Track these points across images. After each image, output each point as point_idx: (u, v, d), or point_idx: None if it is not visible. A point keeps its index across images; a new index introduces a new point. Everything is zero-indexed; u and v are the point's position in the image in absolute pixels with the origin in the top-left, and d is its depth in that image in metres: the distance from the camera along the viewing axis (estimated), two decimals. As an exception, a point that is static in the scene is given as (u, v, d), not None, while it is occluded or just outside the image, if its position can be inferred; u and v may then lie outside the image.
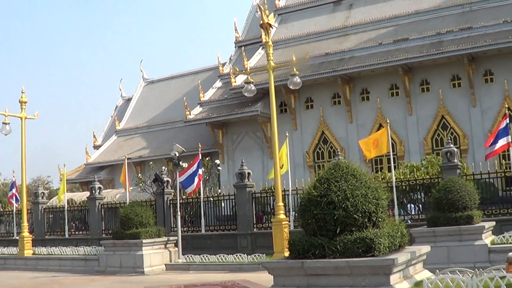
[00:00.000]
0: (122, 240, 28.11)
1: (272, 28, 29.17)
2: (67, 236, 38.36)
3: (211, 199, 34.34)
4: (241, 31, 56.12)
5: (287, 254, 11.44)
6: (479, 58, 40.35)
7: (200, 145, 36.48)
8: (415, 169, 31.70)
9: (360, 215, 10.39)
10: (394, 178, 28.64)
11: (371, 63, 42.23)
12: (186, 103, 50.01)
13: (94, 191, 37.39)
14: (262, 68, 28.56)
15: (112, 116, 68.19)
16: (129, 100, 67.81)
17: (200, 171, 31.89)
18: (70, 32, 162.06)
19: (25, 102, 34.84)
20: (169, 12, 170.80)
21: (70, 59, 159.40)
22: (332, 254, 10.29)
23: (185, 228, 33.31)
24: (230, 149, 49.31)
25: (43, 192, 41.86)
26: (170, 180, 35.20)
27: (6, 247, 37.74)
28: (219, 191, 37.74)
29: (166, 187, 33.89)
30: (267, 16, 26.06)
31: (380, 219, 10.80)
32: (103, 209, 37.34)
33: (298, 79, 25.51)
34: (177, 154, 31.30)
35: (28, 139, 35.90)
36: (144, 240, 27.47)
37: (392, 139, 36.00)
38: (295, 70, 25.36)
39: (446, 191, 20.51)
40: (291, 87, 26.38)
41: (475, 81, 40.44)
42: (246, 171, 31.97)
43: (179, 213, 30.68)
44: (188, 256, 28.93)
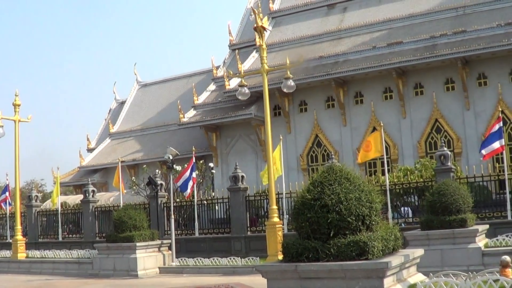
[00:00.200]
0: (116, 243, 28.07)
1: (266, 31, 29.20)
2: (60, 239, 38.35)
3: (205, 202, 34.36)
4: (235, 34, 56.07)
5: (280, 258, 11.42)
6: (472, 61, 40.42)
7: (194, 148, 36.48)
8: (409, 172, 31.74)
9: (354, 219, 10.38)
10: (388, 181, 28.68)
11: (365, 67, 42.24)
12: (180, 106, 49.95)
13: (87, 194, 37.38)
14: (256, 71, 28.57)
15: (106, 119, 68.06)
16: (123, 103, 67.69)
17: (194, 174, 31.90)
18: (63, 35, 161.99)
19: (18, 105, 34.82)
20: (163, 15, 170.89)
21: (64, 62, 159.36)
22: (325, 258, 10.27)
23: (178, 231, 33.32)
24: (224, 152, 49.28)
25: (37, 195, 41.83)
26: (163, 183, 35.19)
27: (-1, 250, 37.73)
28: (213, 194, 37.79)
29: (159, 190, 33.90)
30: (261, 19, 26.05)
31: (373, 223, 10.78)
32: (96, 212, 37.33)
33: (292, 82, 25.53)
34: (170, 157, 31.30)
35: (21, 142, 35.88)
36: (137, 243, 27.44)
37: (386, 142, 36.02)
38: (289, 73, 25.39)
39: (439, 194, 20.52)
40: (285, 90, 26.39)
41: (468, 84, 40.51)
42: (239, 174, 31.98)
43: (172, 216, 30.68)
44: (181, 259, 28.91)
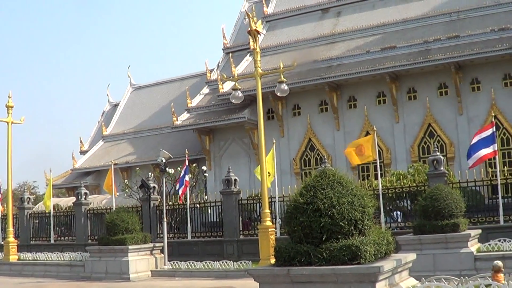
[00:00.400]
0: (108, 246, 28.03)
1: (260, 35, 29.16)
2: (52, 241, 38.24)
3: (198, 205, 34.33)
4: (229, 38, 56.12)
5: (273, 261, 11.41)
6: (466, 66, 40.49)
7: (187, 151, 36.46)
8: (402, 176, 31.78)
9: (346, 223, 10.37)
10: (381, 185, 28.72)
11: (359, 71, 42.29)
12: (173, 109, 49.93)
13: (80, 197, 37.31)
14: (249, 75, 28.54)
15: (99, 122, 67.97)
16: (116, 105, 67.60)
17: (187, 178, 31.89)
18: (58, 37, 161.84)
19: (11, 107, 34.76)
20: (157, 18, 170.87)
21: (57, 64, 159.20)
22: (318, 262, 10.26)
23: (171, 235, 33.28)
24: (217, 155, 49.26)
25: (29, 197, 41.74)
26: (156, 186, 35.15)
27: (-9, 252, 37.58)
28: (206, 197, 37.75)
29: (152, 193, 33.84)
30: (255, 23, 26.04)
31: (366, 227, 10.78)
32: (89, 214, 37.26)
33: (285, 86, 25.52)
34: (163, 160, 31.26)
35: (14, 144, 35.80)
36: (130, 246, 27.40)
37: (379, 146, 36.07)
38: (282, 77, 25.37)
39: (432, 199, 20.56)
40: (279, 94, 26.38)
41: (462, 89, 40.58)
42: (232, 177, 31.98)
43: (165, 219, 30.63)
44: (174, 262, 28.88)
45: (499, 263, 14.98)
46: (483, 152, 26.45)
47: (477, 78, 40.68)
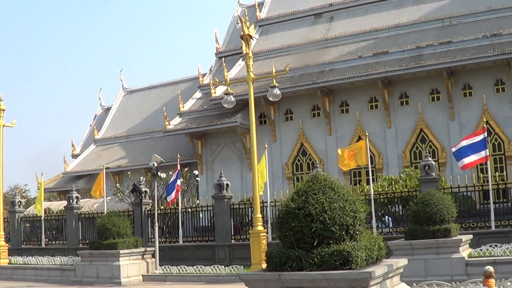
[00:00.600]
0: (99, 250, 27.96)
1: (253, 39, 29.24)
2: (43, 245, 38.17)
3: (189, 210, 34.32)
4: (221, 42, 56.08)
5: (264, 266, 11.39)
6: (458, 72, 40.56)
7: (179, 155, 36.40)
8: (394, 182, 31.84)
9: (338, 228, 10.35)
10: (373, 190, 28.76)
11: (351, 76, 42.29)
12: (165, 113, 49.83)
13: (71, 201, 37.27)
14: (242, 80, 28.57)
15: (91, 125, 67.74)
16: (108, 109, 67.39)
17: (178, 182, 31.87)
18: (49, 40, 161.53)
19: (3, 110, 34.71)
20: (149, 21, 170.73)
21: (49, 68, 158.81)
22: (309, 267, 10.24)
23: (162, 239, 33.24)
24: (209, 160, 49.20)
25: (20, 201, 41.65)
26: (148, 190, 35.12)
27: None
28: (197, 202, 37.72)
29: (144, 198, 33.82)
30: (248, 28, 26.06)
31: (357, 232, 10.77)
32: (80, 218, 37.21)
33: (277, 91, 25.52)
34: (155, 165, 31.22)
35: (5, 147, 35.68)
36: (121, 251, 27.34)
37: (370, 151, 36.06)
38: (274, 81, 25.38)
39: (424, 204, 20.58)
40: (271, 98, 26.39)
41: (454, 95, 40.63)
42: (224, 182, 31.98)
43: (156, 223, 30.60)
44: (165, 267, 28.83)
45: (490, 268, 15.00)
46: (474, 158, 26.57)
47: (469, 84, 40.74)
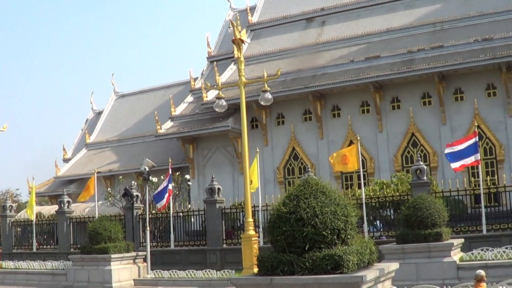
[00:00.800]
0: (91, 255, 27.87)
1: (245, 43, 29.12)
2: (35, 250, 38.05)
3: (181, 214, 34.28)
4: (213, 46, 56.09)
5: (256, 271, 11.37)
6: (449, 76, 40.64)
7: (170, 160, 36.34)
8: (385, 186, 31.86)
9: (329, 232, 10.35)
10: (364, 195, 28.78)
11: (343, 80, 42.32)
12: (157, 117, 49.82)
13: (62, 205, 37.17)
14: (233, 84, 28.56)
15: (82, 129, 67.66)
16: (100, 113, 67.30)
17: (170, 186, 31.81)
18: (40, 44, 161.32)
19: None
20: (141, 25, 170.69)
21: (40, 72, 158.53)
22: (300, 271, 10.23)
23: (154, 243, 33.20)
24: (200, 164, 49.16)
25: (11, 205, 41.50)
26: (139, 194, 35.06)
27: (-28, 261, 37.34)
28: (189, 206, 37.64)
29: (135, 202, 33.76)
30: (240, 32, 26.02)
31: (349, 236, 10.76)
32: (71, 223, 37.11)
33: (269, 95, 25.48)
34: (147, 169, 31.18)
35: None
36: (112, 255, 27.26)
37: (362, 156, 36.17)
38: (266, 86, 25.35)
39: (415, 208, 20.61)
40: (262, 103, 26.34)
41: (445, 99, 40.70)
42: (216, 186, 31.95)
43: (148, 228, 30.54)
44: (157, 271, 28.77)
45: (482, 272, 15.02)
46: (467, 161, 26.70)
47: (460, 88, 40.83)
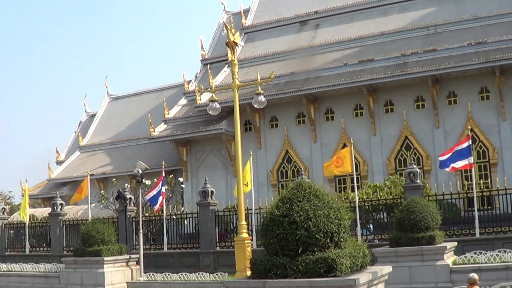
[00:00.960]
0: (83, 258, 27.75)
1: (238, 46, 29.18)
2: (27, 252, 37.95)
3: (174, 217, 34.22)
4: (207, 49, 56.09)
5: (249, 274, 11.36)
6: (443, 79, 40.70)
7: (163, 162, 36.31)
8: (378, 189, 31.84)
9: (322, 235, 10.34)
10: (357, 198, 28.77)
11: (336, 83, 42.35)
12: (150, 120, 49.77)
13: (56, 207, 37.09)
14: (227, 87, 28.51)
15: (75, 132, 67.55)
16: (93, 116, 67.24)
17: (163, 189, 31.77)
18: (33, 46, 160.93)
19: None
20: (135, 28, 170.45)
21: (33, 74, 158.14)
22: (293, 274, 10.22)
23: (147, 246, 33.13)
24: (194, 167, 49.13)
25: (4, 208, 41.41)
26: (132, 197, 35.00)
27: (-35, 263, 37.21)
28: (182, 209, 37.59)
29: (128, 204, 33.71)
30: (233, 35, 26.01)
31: (342, 239, 10.76)
32: (64, 225, 37.03)
33: (263, 98, 25.45)
34: (140, 171, 31.09)
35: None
36: (105, 258, 27.15)
37: (355, 159, 36.20)
38: (260, 89, 25.32)
39: (408, 211, 20.60)
40: (256, 106, 26.31)
41: (438, 102, 40.77)
42: (209, 189, 31.92)
43: (141, 230, 30.46)
44: (150, 274, 28.66)
45: (475, 275, 15.05)
46: (460, 164, 26.79)
47: (454, 92, 40.91)
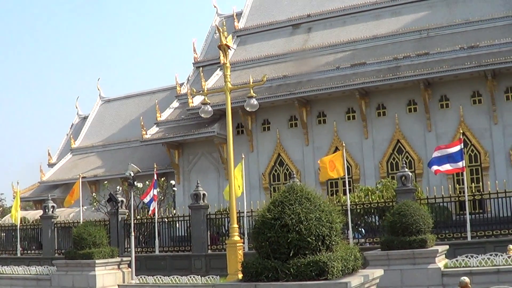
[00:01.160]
0: (75, 260, 27.68)
1: (231, 49, 29.06)
2: (19, 255, 37.86)
3: (166, 219, 34.20)
4: (199, 52, 56.12)
5: (240, 276, 11.35)
6: (435, 83, 40.79)
7: (155, 165, 36.28)
8: (370, 192, 31.90)
9: (314, 238, 10.34)
10: (349, 201, 28.79)
11: (328, 87, 42.38)
12: (142, 123, 49.73)
13: (47, 210, 37.03)
14: (219, 89, 28.48)
15: (67, 134, 67.43)
16: (85, 118, 67.13)
17: (155, 192, 31.76)
18: (25, 48, 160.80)
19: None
20: (127, 30, 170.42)
21: (25, 76, 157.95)
22: (285, 277, 10.21)
23: (139, 249, 33.10)
24: (186, 169, 49.09)
25: (-5, 210, 41.38)
26: (124, 200, 34.95)
27: (-44, 266, 37.08)
28: (174, 211, 37.58)
29: (120, 207, 33.65)
30: (226, 38, 25.99)
31: (333, 243, 10.76)
32: (56, 228, 36.96)
33: (255, 101, 25.43)
34: (132, 174, 31.05)
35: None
36: (97, 261, 27.09)
37: (347, 162, 36.22)
38: (252, 92, 25.31)
39: (400, 214, 20.60)
40: (248, 109, 26.28)
41: (430, 106, 40.84)
42: (201, 192, 31.91)
43: (133, 233, 30.43)
44: (141, 277, 28.60)
45: (466, 279, 15.07)
46: (449, 167, 26.87)
47: (446, 95, 40.98)
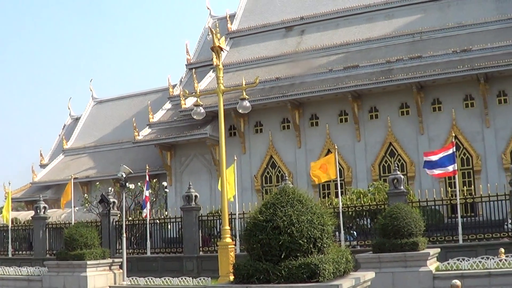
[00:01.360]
0: (66, 261, 27.62)
1: (224, 51, 29.09)
2: (10, 255, 37.76)
3: (158, 221, 34.16)
4: (192, 54, 56.12)
5: (232, 278, 11.33)
6: (427, 86, 40.86)
7: (147, 166, 36.28)
8: (362, 195, 31.95)
9: (305, 241, 10.34)
10: (341, 204, 28.81)
11: (321, 89, 42.44)
12: (135, 124, 49.67)
13: (39, 211, 36.94)
14: (212, 91, 28.50)
15: (59, 135, 67.34)
16: (77, 119, 67.04)
17: (147, 193, 31.74)
18: (17, 49, 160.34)
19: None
20: (120, 31, 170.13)
21: (17, 76, 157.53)
22: (276, 279, 10.21)
23: (130, 250, 33.05)
24: (178, 171, 49.05)
25: (-14, 211, 41.24)
26: (116, 201, 34.90)
27: None
28: (166, 213, 37.57)
29: (112, 208, 33.59)
30: (219, 39, 25.99)
31: (325, 245, 10.75)
32: (48, 229, 36.88)
33: (247, 103, 25.43)
34: (124, 175, 31.01)
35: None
36: (88, 262, 27.03)
37: (340, 165, 36.23)
38: (244, 94, 25.31)
39: (392, 217, 20.59)
40: (240, 111, 26.29)
41: (423, 109, 40.91)
42: (193, 193, 31.89)
43: (124, 234, 30.37)
44: (133, 278, 28.55)
45: (458, 282, 15.10)
46: (442, 171, 26.92)
47: (438, 99, 41.06)
